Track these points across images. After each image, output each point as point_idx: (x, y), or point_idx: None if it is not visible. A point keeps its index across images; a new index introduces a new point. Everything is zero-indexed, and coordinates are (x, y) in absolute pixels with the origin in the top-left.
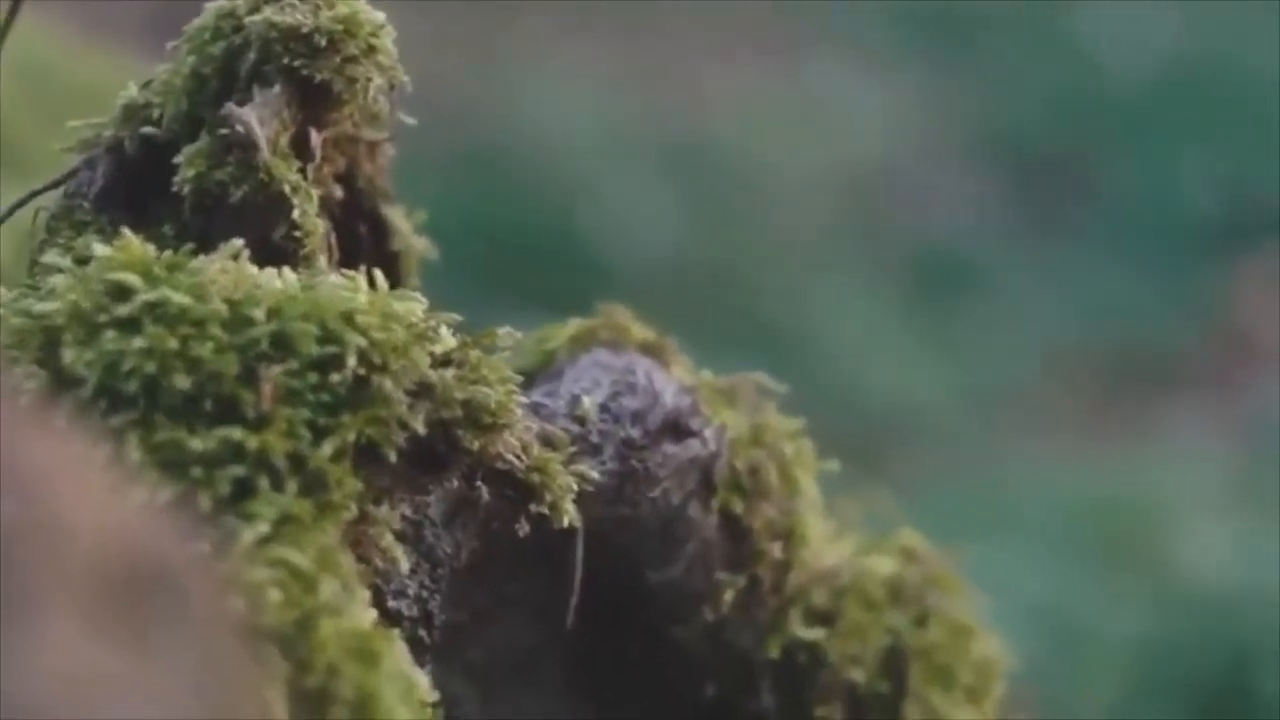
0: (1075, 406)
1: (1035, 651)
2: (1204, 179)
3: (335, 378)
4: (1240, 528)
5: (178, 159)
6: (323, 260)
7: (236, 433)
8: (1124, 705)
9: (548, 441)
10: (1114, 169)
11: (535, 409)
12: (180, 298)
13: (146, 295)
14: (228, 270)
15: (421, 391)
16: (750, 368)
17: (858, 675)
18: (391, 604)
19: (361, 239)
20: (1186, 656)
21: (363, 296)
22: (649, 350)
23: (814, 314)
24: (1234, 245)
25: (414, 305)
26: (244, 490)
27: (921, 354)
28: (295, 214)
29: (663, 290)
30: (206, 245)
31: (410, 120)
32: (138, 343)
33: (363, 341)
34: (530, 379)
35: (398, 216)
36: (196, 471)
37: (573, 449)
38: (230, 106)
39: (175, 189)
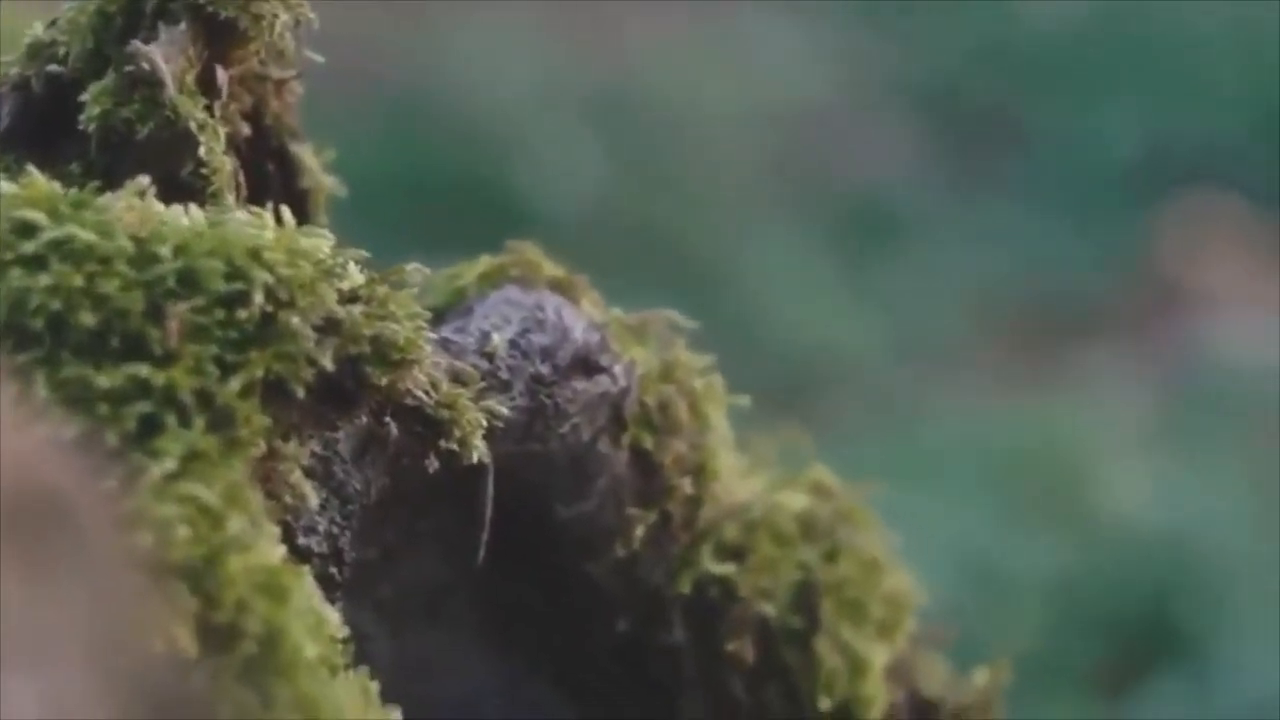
0: (998, 353)
1: (956, 593)
2: (1126, 128)
3: (242, 314)
4: (1158, 469)
5: (84, 97)
6: (230, 198)
7: (143, 369)
8: (1043, 643)
9: (457, 378)
10: (1037, 118)
11: (444, 345)
12: (86, 235)
13: (52, 233)
14: (134, 207)
15: (329, 327)
16: (678, 312)
17: (769, 610)
18: (301, 541)
19: (269, 176)
20: (1105, 595)
21: (270, 233)
22: (559, 287)
23: (741, 261)
24: (1155, 193)
25: (321, 242)
26: (151, 427)
27: (847, 301)
28: (202, 151)
29: (591, 236)
30: (113, 183)
31: (318, 58)
32: (43, 280)
33: (270, 278)
34: (440, 316)
35: (306, 154)
36: (103, 408)
37: (482, 385)
38: (136, 44)
39: (81, 127)
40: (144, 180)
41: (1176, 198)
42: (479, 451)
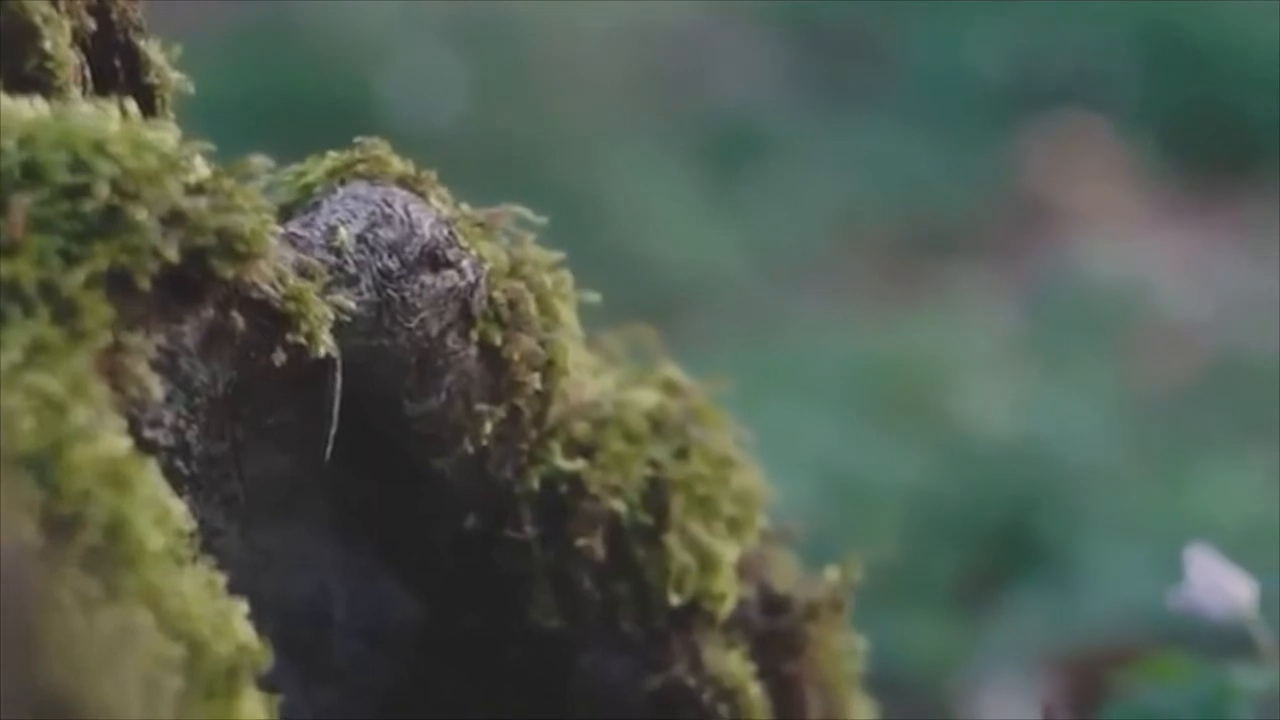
0: (866, 272)
1: (818, 504)
2: (993, 47)
3: (87, 206)
4: (1021, 383)
5: None
6: (76, 92)
7: None
8: (904, 554)
9: (304, 272)
10: (905, 37)
11: (291, 240)
12: None
13: None
14: None
15: (174, 220)
16: (542, 232)
17: (619, 506)
18: (147, 433)
19: (115, 71)
20: (966, 506)
21: (114, 125)
22: (407, 183)
23: (608, 179)
24: (1023, 113)
25: (166, 135)
26: None
27: (714, 219)
28: (47, 45)
29: (455, 156)
30: None
31: None
32: None
33: (114, 170)
34: (288, 212)
35: (152, 50)
36: None
37: (329, 279)
38: None
39: None
40: None
41: (1043, 118)
42: (326, 346)
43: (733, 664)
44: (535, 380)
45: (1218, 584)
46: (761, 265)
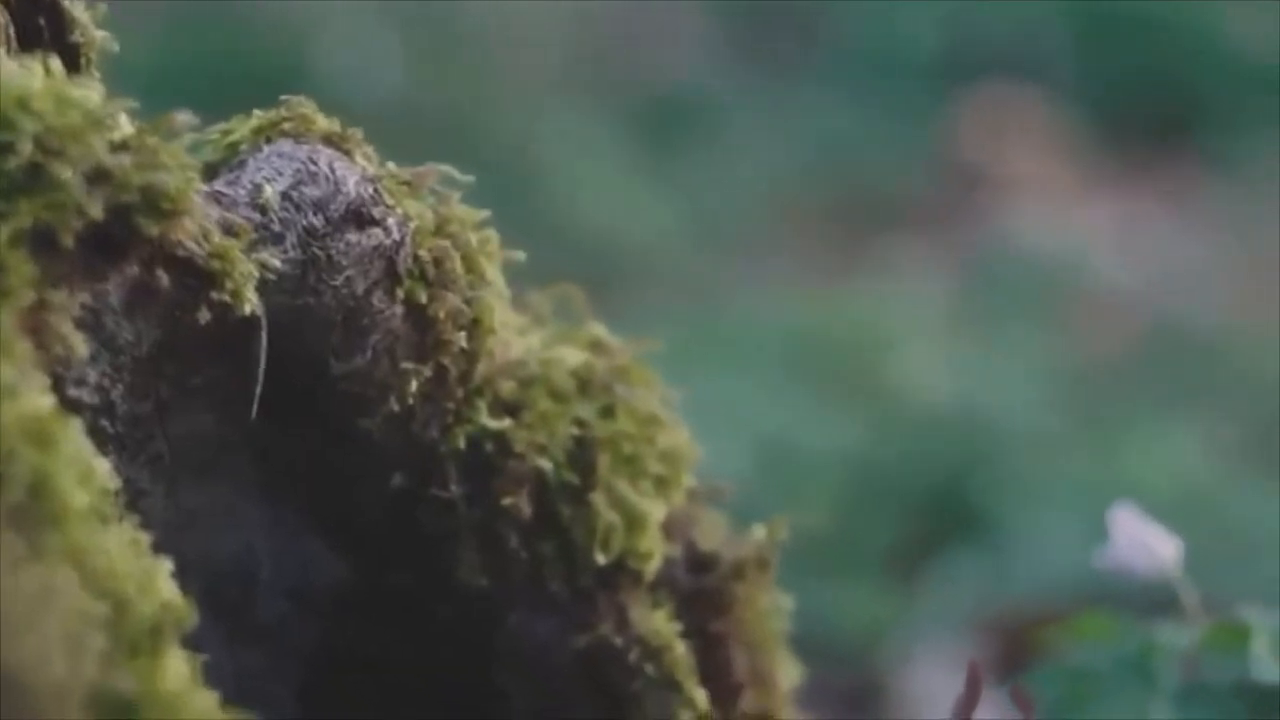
0: (801, 244)
1: (754, 473)
2: (927, 17)
3: (10, 163)
4: (957, 351)
5: None
6: (0, 51)
7: None
8: (841, 522)
9: (229, 229)
10: (839, 8)
11: (216, 198)
12: None
13: None
14: None
15: (98, 177)
16: (476, 202)
17: (545, 465)
18: (72, 392)
19: (40, 29)
20: (902, 474)
21: (38, 83)
22: (333, 141)
23: (542, 152)
24: (957, 83)
25: (91, 92)
26: None
27: (651, 191)
28: None
29: (391, 128)
30: None
31: None
32: None
33: (38, 127)
34: (214, 171)
35: (77, 8)
36: None
37: (254, 237)
38: None
39: None
40: None
41: (977, 88)
42: (251, 304)
43: (659, 623)
44: (461, 339)
45: (1143, 542)
46: (697, 236)
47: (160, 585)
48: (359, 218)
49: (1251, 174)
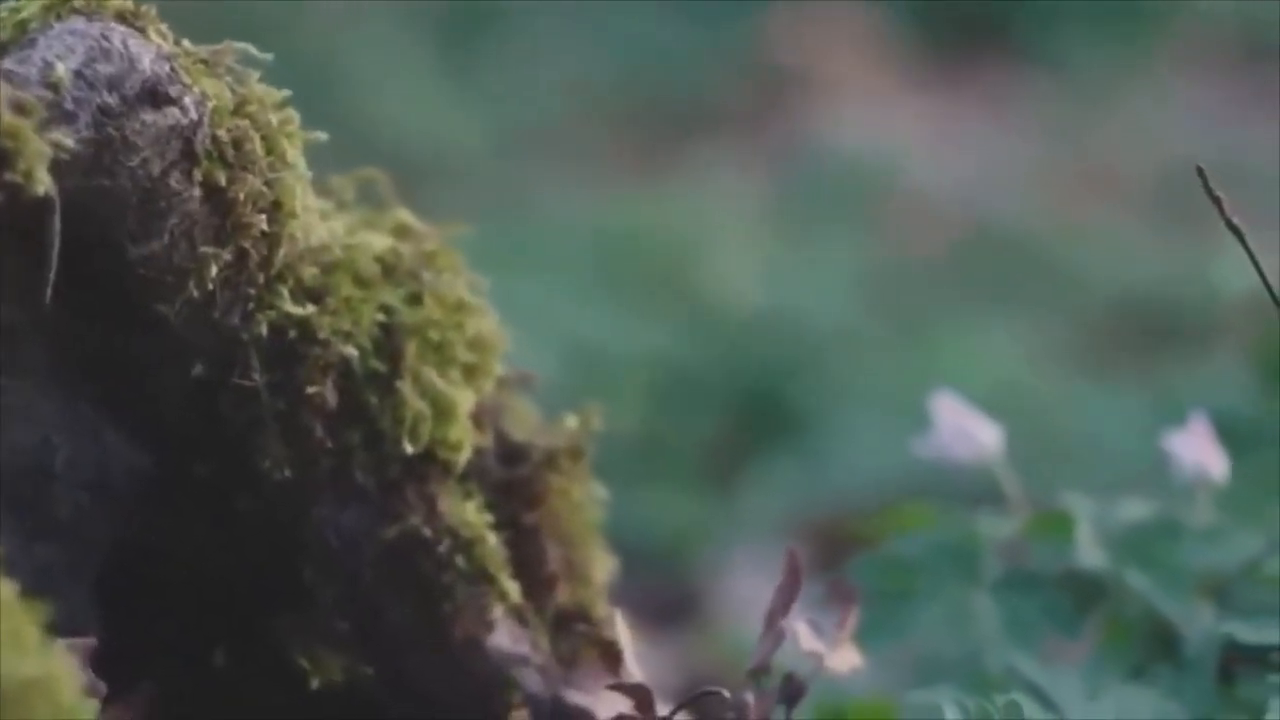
0: (612, 148)
1: (565, 376)
2: None
3: None
4: (770, 254)
5: None
6: None
7: None
8: (654, 423)
9: (19, 108)
10: None
11: (6, 77)
12: None
13: None
14: None
15: None
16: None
17: (350, 352)
18: None
19: None
20: (716, 377)
21: None
22: (126, 18)
23: (344, 56)
24: None
25: None
26: None
27: (456, 95)
28: None
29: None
30: None
31: None
32: None
33: None
34: (3, 49)
35: None
36: None
37: (46, 116)
38: None
39: None
40: None
41: None
42: (44, 185)
43: (470, 514)
44: (262, 222)
45: (964, 428)
46: (504, 141)
47: None
48: (154, 96)
49: (1070, 73)
